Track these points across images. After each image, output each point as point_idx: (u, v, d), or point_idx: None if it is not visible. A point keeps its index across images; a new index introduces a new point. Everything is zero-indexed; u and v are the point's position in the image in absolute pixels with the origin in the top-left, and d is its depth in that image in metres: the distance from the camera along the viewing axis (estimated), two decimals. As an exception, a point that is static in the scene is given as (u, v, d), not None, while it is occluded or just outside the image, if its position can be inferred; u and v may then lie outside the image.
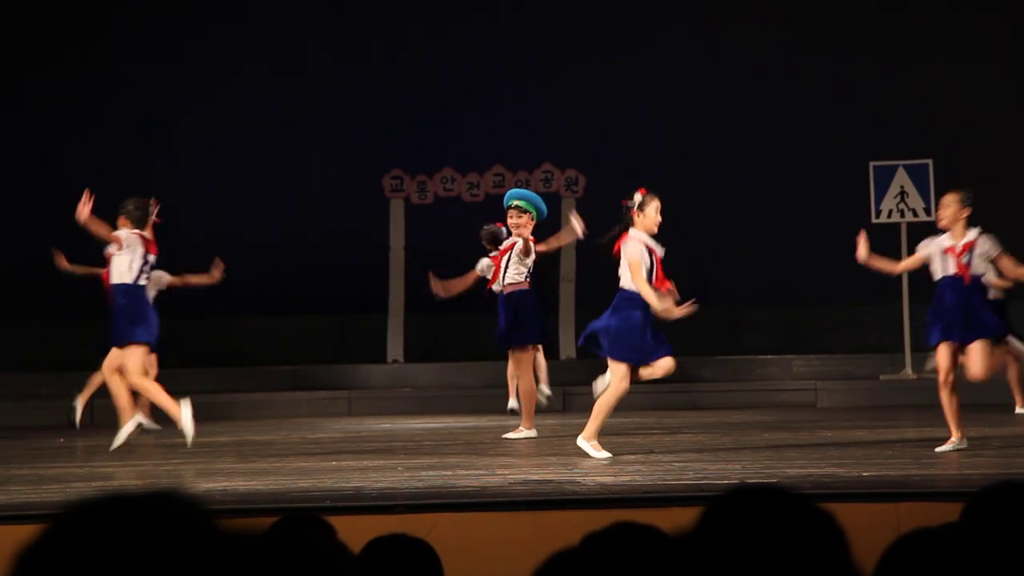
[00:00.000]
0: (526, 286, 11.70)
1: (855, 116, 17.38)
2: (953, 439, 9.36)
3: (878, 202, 15.78)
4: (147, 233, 10.70)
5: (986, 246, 9.50)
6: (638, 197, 9.78)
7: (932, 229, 15.76)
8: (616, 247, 9.68)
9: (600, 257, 17.29)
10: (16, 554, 1.56)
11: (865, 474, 8.10)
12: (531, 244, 11.45)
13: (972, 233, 9.48)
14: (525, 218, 11.51)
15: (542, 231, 12.04)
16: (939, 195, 15.75)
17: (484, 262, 12.18)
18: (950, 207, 9.56)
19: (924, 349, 16.05)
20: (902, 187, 15.79)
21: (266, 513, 6.29)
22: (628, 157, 17.65)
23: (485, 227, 12.23)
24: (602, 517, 2.56)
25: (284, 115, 18.09)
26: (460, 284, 12.38)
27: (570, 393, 15.28)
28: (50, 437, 12.43)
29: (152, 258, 10.66)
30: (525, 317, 11.59)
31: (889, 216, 15.72)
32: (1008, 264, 9.67)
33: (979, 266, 9.48)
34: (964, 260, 9.41)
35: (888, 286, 15.69)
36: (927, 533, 2.10)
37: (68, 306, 15.39)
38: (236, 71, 17.98)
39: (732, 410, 14.26)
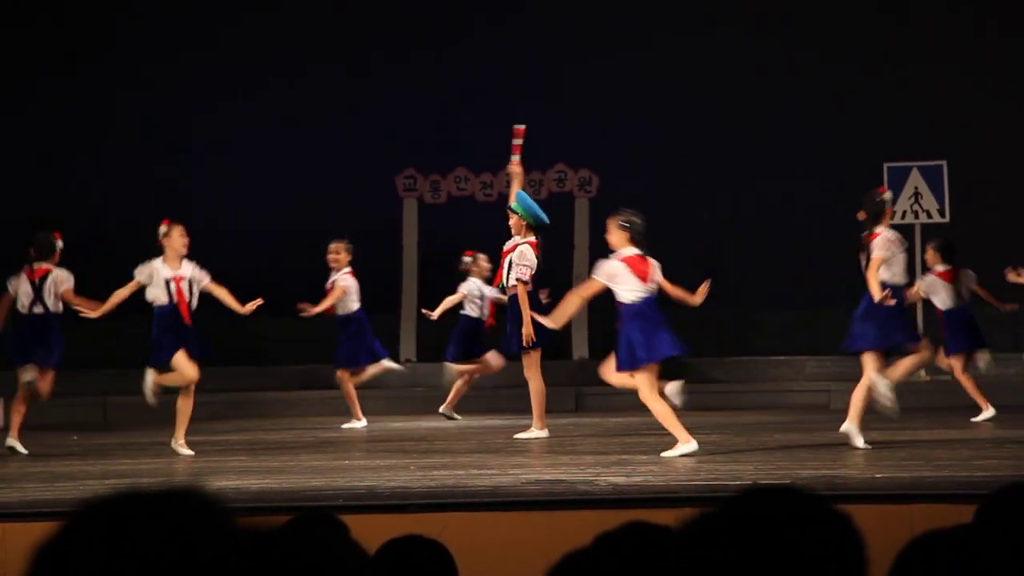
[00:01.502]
0: (528, 287, 11.72)
1: (869, 116, 17.34)
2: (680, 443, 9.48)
3: (892, 203, 15.73)
4: (48, 265, 11.29)
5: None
6: (888, 195, 10.07)
7: (946, 230, 15.81)
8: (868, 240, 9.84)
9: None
10: (33, 551, 1.57)
11: (878, 476, 8.09)
12: (528, 256, 11.59)
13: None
14: (514, 219, 11.77)
15: (552, 236, 12.13)
16: (954, 196, 15.78)
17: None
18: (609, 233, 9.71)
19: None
20: (916, 188, 15.74)
21: (279, 512, 6.30)
22: (641, 157, 17.64)
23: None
24: (614, 517, 2.56)
25: (296, 114, 18.09)
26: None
27: (583, 393, 15.26)
28: (63, 435, 12.46)
29: (37, 289, 11.30)
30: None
31: (903, 217, 15.68)
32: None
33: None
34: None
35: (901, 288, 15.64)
36: (941, 535, 2.09)
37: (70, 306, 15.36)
38: (246, 69, 17.99)
39: (744, 411, 14.24)
